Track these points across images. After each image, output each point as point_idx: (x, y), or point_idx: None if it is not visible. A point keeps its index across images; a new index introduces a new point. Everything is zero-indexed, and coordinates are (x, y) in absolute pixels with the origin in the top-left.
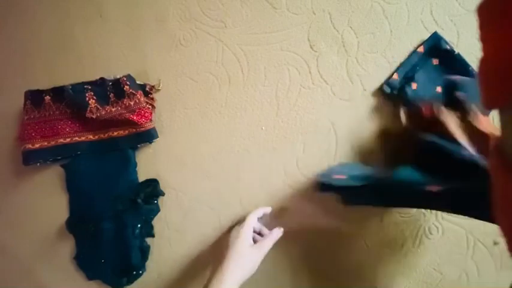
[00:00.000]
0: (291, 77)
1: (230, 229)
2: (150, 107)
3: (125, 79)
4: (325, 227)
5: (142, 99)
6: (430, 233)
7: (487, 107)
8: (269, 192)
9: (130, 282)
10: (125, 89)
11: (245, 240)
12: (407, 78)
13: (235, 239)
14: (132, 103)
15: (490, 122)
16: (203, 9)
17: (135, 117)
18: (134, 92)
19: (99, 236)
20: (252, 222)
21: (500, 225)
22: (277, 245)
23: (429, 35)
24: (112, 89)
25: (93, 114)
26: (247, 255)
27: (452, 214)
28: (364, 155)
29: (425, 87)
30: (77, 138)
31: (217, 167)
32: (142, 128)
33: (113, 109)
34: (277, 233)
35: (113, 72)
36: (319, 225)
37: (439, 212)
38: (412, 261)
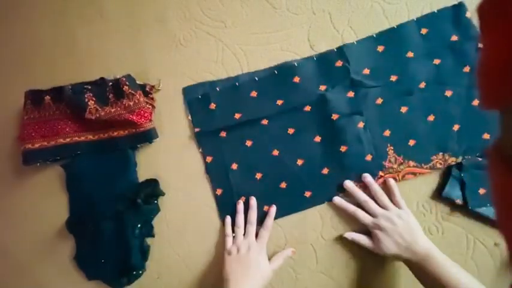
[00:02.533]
0: None
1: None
2: (150, 107)
3: (124, 79)
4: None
5: (141, 99)
6: (430, 233)
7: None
8: None
9: (130, 282)
10: (124, 89)
11: (266, 261)
12: None
13: (259, 257)
14: (131, 103)
15: None
16: (203, 9)
17: (134, 118)
18: (134, 92)
19: (99, 236)
20: (266, 241)
21: (500, 226)
22: (276, 244)
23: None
24: (112, 90)
25: (92, 116)
26: (266, 272)
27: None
28: None
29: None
30: (76, 138)
31: None
32: (142, 128)
33: (112, 110)
34: (288, 252)
35: (112, 72)
36: (318, 225)
37: (439, 212)
38: None
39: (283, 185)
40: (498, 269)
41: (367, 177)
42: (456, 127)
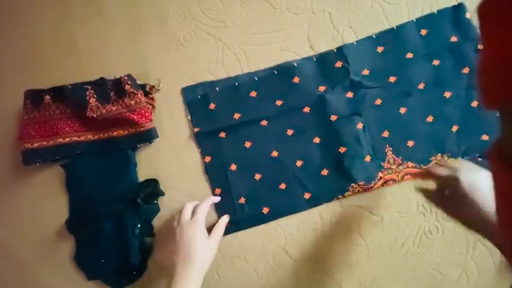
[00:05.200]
0: None
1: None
2: (150, 107)
3: (126, 78)
4: (324, 227)
5: (143, 99)
6: (430, 233)
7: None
8: None
9: (130, 282)
10: (126, 88)
11: (203, 237)
12: None
13: (194, 237)
14: (132, 102)
15: None
16: (203, 9)
17: (135, 117)
18: (135, 91)
19: (99, 236)
20: (204, 215)
21: (501, 226)
22: (276, 244)
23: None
24: (113, 88)
25: (94, 113)
26: (206, 249)
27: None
28: None
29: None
30: (76, 138)
31: None
32: (143, 127)
33: (114, 108)
34: (225, 220)
35: (112, 72)
36: (318, 225)
37: (439, 212)
38: (412, 261)
39: (283, 186)
40: (498, 269)
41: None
42: (455, 128)
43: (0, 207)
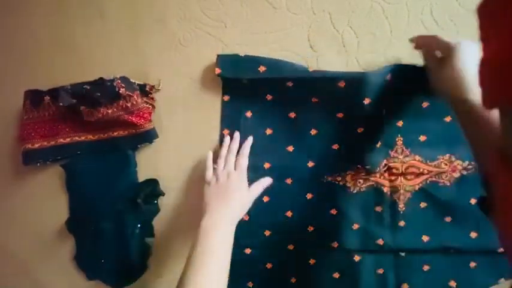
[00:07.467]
0: None
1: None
2: (150, 107)
3: (120, 82)
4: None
5: (139, 100)
6: None
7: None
8: None
9: (130, 282)
10: (120, 92)
11: (245, 185)
12: None
13: (238, 182)
14: (129, 105)
15: None
16: (203, 9)
17: (134, 119)
18: (130, 93)
19: (99, 236)
20: (246, 166)
21: (501, 226)
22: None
23: (429, 35)
24: (100, 91)
25: (91, 118)
26: (245, 197)
27: None
28: None
29: None
30: (76, 138)
31: None
32: (142, 128)
33: (109, 111)
34: (267, 181)
35: (112, 72)
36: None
37: None
38: None
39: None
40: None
41: None
42: None
43: (0, 207)
